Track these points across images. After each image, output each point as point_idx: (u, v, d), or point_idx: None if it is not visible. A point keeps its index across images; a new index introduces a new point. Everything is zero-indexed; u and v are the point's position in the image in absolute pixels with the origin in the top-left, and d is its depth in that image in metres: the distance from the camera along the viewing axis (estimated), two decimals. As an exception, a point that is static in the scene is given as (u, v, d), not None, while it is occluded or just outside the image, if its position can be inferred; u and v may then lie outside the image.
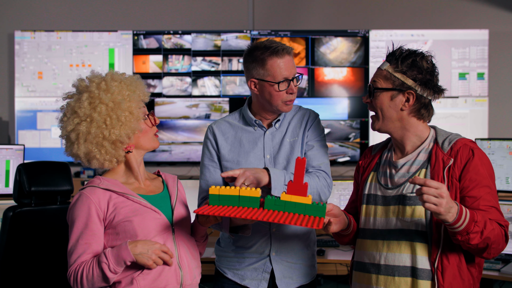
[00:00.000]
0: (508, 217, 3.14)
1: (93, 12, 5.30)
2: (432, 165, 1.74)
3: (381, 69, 1.79)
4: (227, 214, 1.66)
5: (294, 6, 5.37)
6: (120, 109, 1.73)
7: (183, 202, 1.92)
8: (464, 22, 5.25)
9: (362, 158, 1.98)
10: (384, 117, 1.79)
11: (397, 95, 1.75)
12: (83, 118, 1.74)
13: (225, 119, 2.19)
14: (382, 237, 1.79)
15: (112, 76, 1.79)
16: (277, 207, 1.71)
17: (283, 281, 2.08)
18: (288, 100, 2.05)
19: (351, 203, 1.98)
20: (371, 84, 1.81)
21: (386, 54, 1.82)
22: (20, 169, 2.58)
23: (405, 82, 1.74)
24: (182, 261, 1.78)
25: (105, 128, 1.72)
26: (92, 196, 1.72)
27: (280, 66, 2.00)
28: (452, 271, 1.69)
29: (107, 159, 1.78)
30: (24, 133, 5.13)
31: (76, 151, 1.77)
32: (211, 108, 5.18)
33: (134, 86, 1.80)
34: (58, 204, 2.70)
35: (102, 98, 1.73)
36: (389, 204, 1.79)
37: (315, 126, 2.14)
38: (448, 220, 1.56)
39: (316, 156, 2.10)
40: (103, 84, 1.75)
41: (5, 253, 2.52)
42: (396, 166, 1.81)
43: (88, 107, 1.74)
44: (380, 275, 1.77)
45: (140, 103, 1.81)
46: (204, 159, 2.16)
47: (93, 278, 1.66)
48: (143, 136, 1.82)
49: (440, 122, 5.05)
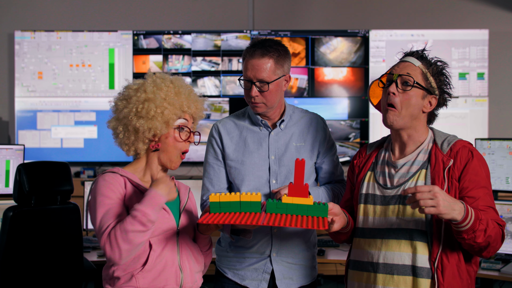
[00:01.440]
0: (508, 217, 3.14)
1: (93, 12, 5.30)
2: (432, 165, 1.76)
3: (414, 64, 1.78)
4: (231, 221, 1.64)
5: (294, 6, 5.37)
6: (155, 104, 1.74)
7: (191, 208, 1.90)
8: (464, 22, 5.25)
9: (356, 157, 1.98)
10: (406, 112, 1.77)
11: (426, 96, 1.78)
12: (125, 97, 1.79)
13: (230, 118, 2.18)
14: (380, 236, 1.79)
15: (174, 79, 1.83)
16: (279, 210, 1.69)
17: (283, 282, 2.07)
18: (249, 101, 2.06)
19: (345, 202, 1.98)
20: (406, 74, 1.76)
21: (409, 52, 1.82)
22: (20, 169, 2.58)
23: (435, 87, 1.78)
24: (184, 263, 1.78)
25: (134, 114, 1.75)
26: (113, 178, 1.74)
27: (245, 65, 2.02)
28: (451, 270, 1.70)
29: (126, 144, 1.80)
30: (24, 133, 5.13)
31: (110, 122, 1.83)
32: (211, 108, 5.18)
33: (185, 95, 1.81)
34: (58, 204, 2.70)
35: (147, 88, 1.76)
36: (388, 204, 1.80)
37: (328, 137, 2.17)
38: (457, 218, 1.56)
39: (336, 167, 2.18)
40: (158, 80, 1.79)
41: (5, 253, 2.52)
42: (396, 166, 1.82)
43: (134, 90, 1.78)
44: (378, 274, 1.77)
45: (179, 112, 1.79)
46: (209, 157, 2.15)
47: (132, 231, 1.60)
48: (169, 145, 1.80)
49: (440, 122, 5.00)
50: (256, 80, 1.99)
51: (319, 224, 1.61)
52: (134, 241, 1.60)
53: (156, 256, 1.72)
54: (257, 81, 2.00)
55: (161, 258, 1.73)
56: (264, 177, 2.07)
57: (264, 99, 2.02)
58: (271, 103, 2.04)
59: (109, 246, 1.61)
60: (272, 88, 2.01)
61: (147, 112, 1.74)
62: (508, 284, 3.70)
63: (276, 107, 2.09)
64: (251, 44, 2.04)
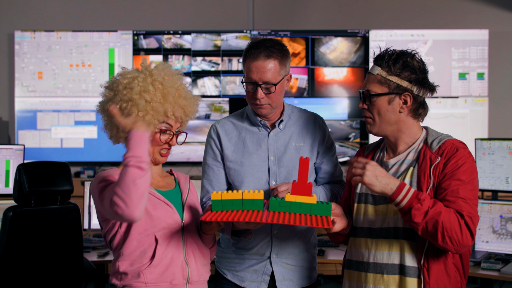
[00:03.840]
0: (508, 217, 3.14)
1: (93, 12, 5.30)
2: (420, 163, 1.76)
3: (373, 74, 1.79)
4: (235, 219, 1.62)
5: (294, 6, 5.37)
6: (137, 107, 1.72)
7: (194, 200, 1.90)
8: (464, 22, 5.25)
9: (355, 158, 1.99)
10: (382, 121, 1.79)
11: (394, 98, 1.76)
12: (114, 89, 1.76)
13: (229, 119, 2.17)
14: (371, 235, 1.81)
15: (166, 80, 1.77)
16: (282, 208, 1.68)
17: (283, 283, 2.07)
18: (254, 103, 2.03)
19: (343, 202, 1.98)
20: (365, 90, 1.80)
21: (374, 58, 1.81)
22: (20, 169, 2.58)
23: (401, 85, 1.75)
24: (189, 257, 1.78)
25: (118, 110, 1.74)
26: (115, 174, 1.72)
27: (249, 68, 1.99)
28: (438, 267, 1.71)
29: (110, 134, 1.80)
30: (24, 133, 5.13)
31: (99, 106, 1.82)
32: (211, 108, 5.18)
33: (173, 100, 1.77)
34: (58, 204, 2.70)
35: (134, 88, 1.73)
36: (378, 203, 1.81)
37: (327, 137, 2.15)
38: (387, 193, 1.65)
39: (335, 167, 2.16)
40: (149, 79, 1.75)
41: (5, 253, 2.52)
42: (387, 166, 1.83)
43: (123, 84, 1.75)
44: (369, 273, 1.79)
45: (162, 117, 1.76)
46: (207, 159, 2.13)
47: (133, 178, 1.54)
48: (151, 145, 1.77)
49: (440, 122, 5.05)
50: (262, 83, 1.97)
51: (323, 223, 1.61)
52: (139, 188, 1.53)
53: (162, 250, 1.72)
54: (263, 83, 1.97)
55: (167, 252, 1.73)
56: (264, 178, 2.07)
57: (270, 100, 2.00)
58: (276, 104, 2.04)
59: (121, 201, 1.52)
60: (278, 89, 2.00)
61: (129, 113, 1.72)
62: (508, 284, 3.70)
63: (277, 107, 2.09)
64: (252, 45, 2.00)
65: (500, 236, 3.15)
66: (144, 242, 1.72)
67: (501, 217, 3.16)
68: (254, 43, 2.01)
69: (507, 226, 3.13)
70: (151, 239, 1.72)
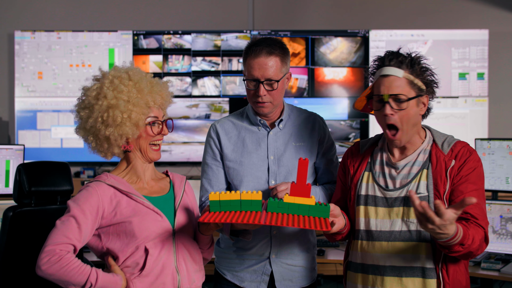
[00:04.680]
0: (508, 217, 3.14)
1: (93, 12, 5.30)
2: (433, 165, 1.76)
3: (398, 76, 1.72)
4: (233, 220, 1.61)
5: (294, 6, 5.37)
6: (119, 110, 1.70)
7: (188, 204, 1.87)
8: (464, 22, 5.25)
9: (349, 157, 1.95)
10: (408, 126, 1.74)
11: (420, 101, 1.76)
12: (87, 105, 1.74)
13: (229, 118, 2.16)
14: (386, 238, 1.79)
15: (132, 74, 1.76)
16: (280, 210, 1.67)
17: (283, 284, 2.06)
18: (255, 101, 2.02)
19: (335, 202, 1.94)
20: (399, 94, 1.71)
21: (387, 59, 1.75)
22: (20, 169, 2.58)
23: (422, 87, 1.75)
24: (180, 265, 1.75)
25: (101, 123, 1.71)
26: (99, 190, 1.70)
27: (250, 65, 1.98)
28: (454, 267, 1.74)
29: (101, 151, 1.78)
30: (24, 133, 5.13)
31: (79, 132, 1.80)
32: (211, 108, 5.18)
33: (148, 89, 1.75)
34: (58, 204, 2.69)
35: (107, 94, 1.71)
36: (392, 206, 1.79)
37: (327, 137, 2.15)
38: (450, 236, 1.57)
39: (335, 167, 2.15)
40: (116, 80, 1.74)
41: (5, 253, 2.52)
42: (397, 167, 1.81)
43: (94, 97, 1.74)
44: (385, 276, 1.77)
45: (146, 110, 1.75)
46: (207, 158, 2.13)
47: (71, 276, 1.64)
48: (143, 142, 1.77)
49: (440, 122, 5.05)
50: (264, 80, 1.97)
51: (321, 225, 1.60)
52: (63, 280, 1.67)
53: (153, 260, 1.70)
54: (265, 80, 1.97)
55: (158, 261, 1.71)
56: (263, 178, 2.06)
57: (272, 97, 2.00)
58: (277, 102, 2.04)
59: (47, 262, 1.70)
60: (279, 86, 2.00)
61: (114, 119, 1.70)
62: (508, 284, 3.70)
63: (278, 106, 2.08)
64: (253, 43, 2.00)
65: (500, 236, 3.15)
66: (135, 255, 1.71)
67: (501, 217, 3.16)
68: (255, 41, 2.01)
69: (507, 226, 3.13)
70: (141, 252, 1.71)
